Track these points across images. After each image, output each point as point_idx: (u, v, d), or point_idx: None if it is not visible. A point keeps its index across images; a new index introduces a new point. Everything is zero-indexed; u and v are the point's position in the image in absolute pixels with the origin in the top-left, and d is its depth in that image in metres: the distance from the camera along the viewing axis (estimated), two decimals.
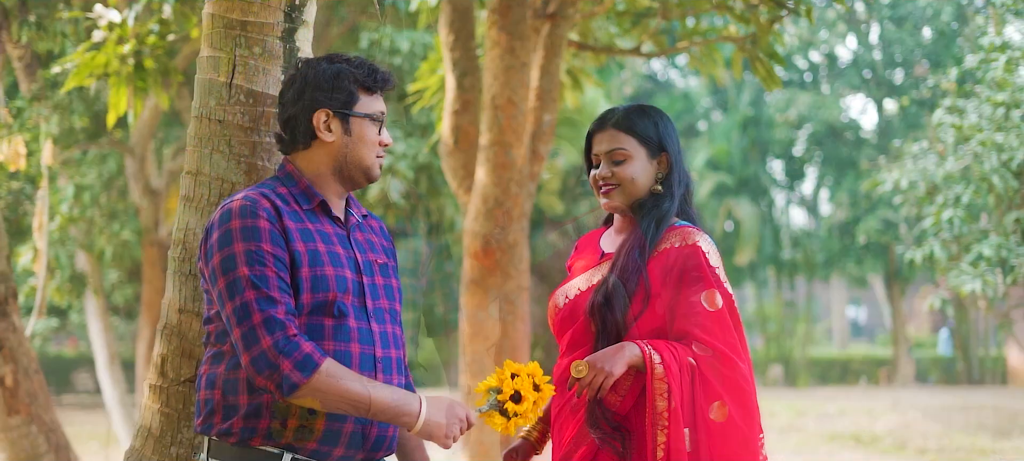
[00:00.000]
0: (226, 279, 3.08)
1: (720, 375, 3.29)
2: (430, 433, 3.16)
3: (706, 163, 31.94)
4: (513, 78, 7.17)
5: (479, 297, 7.37)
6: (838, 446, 15.99)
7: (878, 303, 53.89)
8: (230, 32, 3.57)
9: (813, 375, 34.00)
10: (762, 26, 7.22)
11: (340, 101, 3.27)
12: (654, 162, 3.52)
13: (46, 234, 9.45)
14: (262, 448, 3.15)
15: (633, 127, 3.52)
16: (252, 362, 3.03)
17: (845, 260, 32.60)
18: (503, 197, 7.26)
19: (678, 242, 3.42)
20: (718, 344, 3.30)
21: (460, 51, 7.72)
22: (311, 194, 3.29)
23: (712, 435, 3.27)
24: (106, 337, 15.81)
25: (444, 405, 3.17)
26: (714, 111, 34.66)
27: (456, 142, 7.78)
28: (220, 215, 3.16)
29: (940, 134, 13.07)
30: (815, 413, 18.76)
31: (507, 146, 7.20)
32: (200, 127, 3.59)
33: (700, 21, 8.63)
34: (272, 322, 3.03)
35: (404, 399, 3.11)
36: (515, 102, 7.18)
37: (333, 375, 3.04)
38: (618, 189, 3.51)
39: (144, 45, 7.67)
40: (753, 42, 7.42)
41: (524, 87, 7.25)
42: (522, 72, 7.21)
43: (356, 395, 3.07)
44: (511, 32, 7.16)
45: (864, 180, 30.19)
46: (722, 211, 32.08)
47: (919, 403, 19.70)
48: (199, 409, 3.24)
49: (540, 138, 7.60)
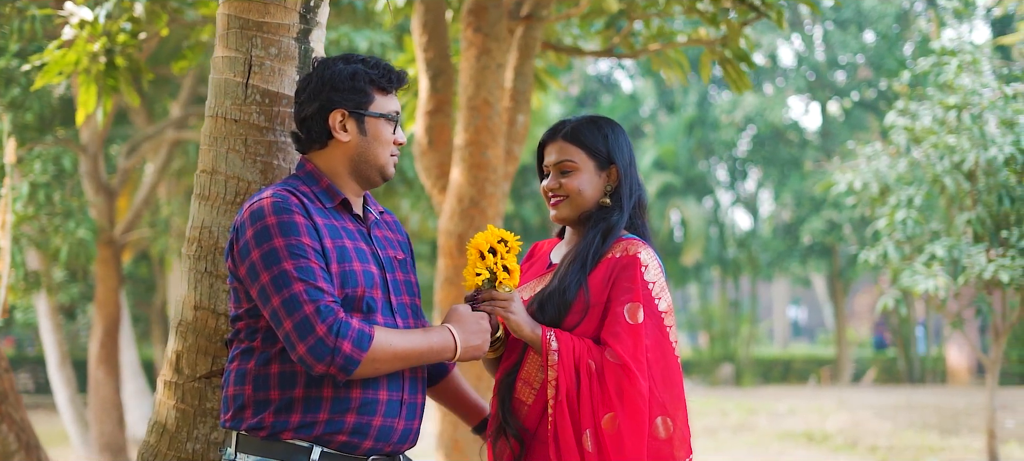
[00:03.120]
0: (269, 274, 3.13)
1: (619, 387, 3.29)
2: (471, 355, 3.35)
3: (653, 164, 32.15)
4: (489, 79, 7.23)
5: (454, 295, 7.42)
6: (791, 444, 16.19)
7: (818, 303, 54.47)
8: (246, 33, 3.60)
9: (756, 374, 34.33)
10: (733, 28, 7.32)
11: (355, 101, 3.33)
12: (603, 174, 3.54)
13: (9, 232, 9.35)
14: (292, 442, 3.20)
15: (582, 139, 3.53)
16: (310, 351, 3.08)
17: (789, 260, 32.93)
18: (478, 196, 7.31)
19: (619, 253, 3.43)
20: (626, 357, 3.30)
21: (433, 52, 7.76)
22: (333, 193, 3.34)
23: (605, 442, 3.30)
24: (57, 337, 15.68)
25: (470, 327, 3.34)
26: (660, 112, 34.88)
27: (430, 142, 7.82)
28: (251, 213, 3.20)
29: (892, 136, 13.25)
30: (766, 412, 18.96)
31: (483, 146, 7.26)
32: (215, 126, 3.62)
33: (664, 23, 8.71)
34: (324, 310, 3.09)
35: (441, 339, 3.28)
36: (491, 103, 7.25)
37: (383, 342, 3.16)
38: (566, 200, 3.53)
39: (115, 43, 7.64)
40: (723, 44, 7.51)
41: (500, 88, 7.31)
42: (498, 73, 7.27)
43: (405, 353, 3.21)
44: (487, 33, 7.22)
45: (808, 181, 30.58)
46: (668, 211, 32.31)
47: (865, 402, 19.97)
48: (227, 404, 3.28)
49: (514, 138, 7.68)
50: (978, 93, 12.38)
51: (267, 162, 3.59)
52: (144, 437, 3.70)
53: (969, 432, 16.17)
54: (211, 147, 3.63)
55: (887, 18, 30.72)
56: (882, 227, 12.89)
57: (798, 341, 55.14)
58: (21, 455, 7.72)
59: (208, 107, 3.67)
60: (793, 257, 32.59)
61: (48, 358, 15.74)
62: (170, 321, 3.70)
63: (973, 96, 12.42)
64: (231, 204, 3.57)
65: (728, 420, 17.85)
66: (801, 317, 59.53)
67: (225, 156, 3.59)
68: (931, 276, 12.08)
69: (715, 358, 34.54)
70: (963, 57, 12.72)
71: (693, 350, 37.56)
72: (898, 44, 31.46)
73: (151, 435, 3.66)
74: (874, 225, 13.61)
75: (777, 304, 52.48)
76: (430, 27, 7.79)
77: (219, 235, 3.58)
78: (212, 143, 3.63)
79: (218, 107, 3.63)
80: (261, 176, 3.58)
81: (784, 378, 34.64)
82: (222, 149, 3.60)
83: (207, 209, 3.61)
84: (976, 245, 12.27)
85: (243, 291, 3.23)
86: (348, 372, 3.11)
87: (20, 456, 7.71)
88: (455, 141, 7.44)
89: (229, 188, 3.58)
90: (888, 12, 30.65)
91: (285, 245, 3.14)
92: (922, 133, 12.83)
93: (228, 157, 3.59)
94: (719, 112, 32.59)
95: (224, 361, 3.56)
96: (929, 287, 12.02)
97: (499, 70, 7.27)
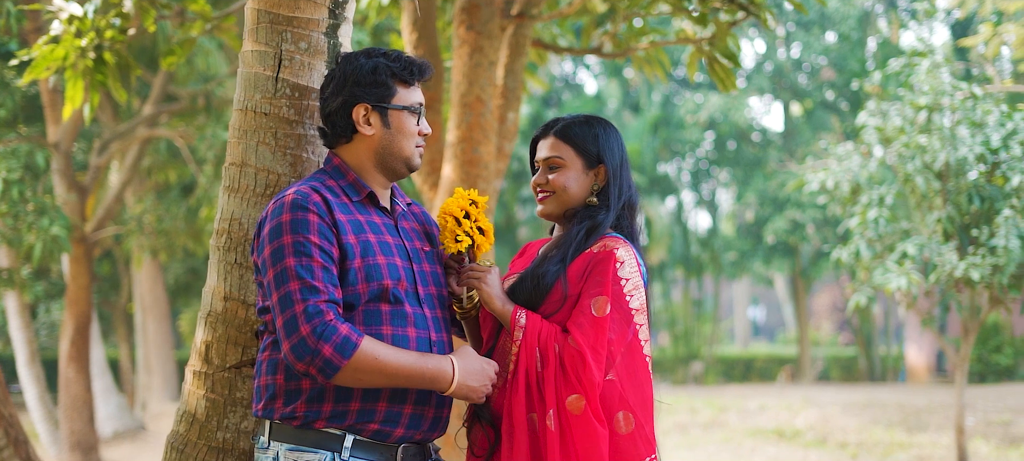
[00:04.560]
0: (274, 270, 3.19)
1: (578, 374, 3.31)
2: (465, 395, 3.32)
3: None
4: (481, 76, 7.28)
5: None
6: (762, 441, 16.31)
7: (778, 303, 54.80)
8: (276, 27, 3.64)
9: (719, 373, 34.56)
10: (721, 27, 7.39)
11: (378, 95, 3.38)
12: (591, 173, 3.56)
13: None
14: (325, 430, 3.25)
15: (572, 137, 3.57)
16: (292, 349, 3.13)
17: (753, 259, 33.15)
18: None
19: (598, 248, 3.45)
20: (584, 345, 3.32)
21: (424, 49, 7.80)
22: (360, 186, 3.38)
23: (573, 424, 3.30)
24: (26, 334, 15.59)
25: (475, 368, 3.32)
26: (625, 112, 35.00)
27: None
28: (272, 208, 3.26)
29: (864, 136, 13.41)
30: (736, 409, 19.07)
31: (475, 143, 7.31)
32: (244, 119, 3.66)
33: (647, 23, 8.77)
34: (312, 310, 3.13)
35: (438, 367, 3.25)
36: (483, 100, 7.30)
37: (370, 353, 3.15)
38: (552, 196, 3.56)
39: (103, 39, 7.63)
40: (711, 43, 7.58)
41: (492, 85, 7.37)
42: (490, 71, 7.32)
43: (393, 370, 3.19)
44: (480, 31, 7.27)
45: (771, 181, 30.79)
46: None
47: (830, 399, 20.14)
48: (259, 394, 3.32)
49: (504, 136, 7.73)
50: (949, 94, 12.55)
51: (296, 155, 3.63)
52: (173, 426, 3.73)
53: (935, 429, 16.36)
54: (240, 140, 3.66)
55: (850, 20, 30.98)
56: (854, 226, 13.04)
57: (758, 341, 55.47)
58: (10, 450, 7.70)
59: (237, 101, 3.71)
60: (757, 256, 32.80)
61: (17, 355, 15.63)
62: (198, 312, 3.73)
63: (943, 97, 12.59)
64: (261, 196, 3.61)
65: (699, 417, 17.96)
66: (760, 317, 59.87)
67: (255, 149, 3.63)
68: (903, 274, 12.25)
69: (679, 357, 34.71)
70: (934, 58, 12.90)
71: (657, 350, 37.72)
72: (860, 46, 31.73)
73: (181, 424, 3.69)
74: (844, 224, 13.76)
75: (738, 304, 52.75)
76: (420, 25, 7.83)
77: (249, 227, 3.62)
78: (241, 136, 3.66)
79: (247, 101, 3.67)
80: (291, 169, 3.62)
81: (746, 377, 34.87)
82: (252, 142, 3.64)
83: (237, 201, 3.65)
84: (946, 244, 12.44)
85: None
86: (328, 376, 3.14)
87: (9, 451, 7.70)
88: (447, 137, 7.49)
89: (259, 181, 3.62)
90: (851, 14, 30.91)
91: (292, 242, 3.19)
92: (893, 133, 13.00)
93: (258, 150, 3.63)
94: (684, 112, 32.74)
95: (254, 351, 3.60)
96: (901, 285, 12.19)
97: (491, 68, 7.32)
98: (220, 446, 3.61)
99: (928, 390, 23.11)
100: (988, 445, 14.84)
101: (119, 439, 19.48)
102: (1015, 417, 16.50)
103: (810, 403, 19.28)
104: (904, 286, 12.18)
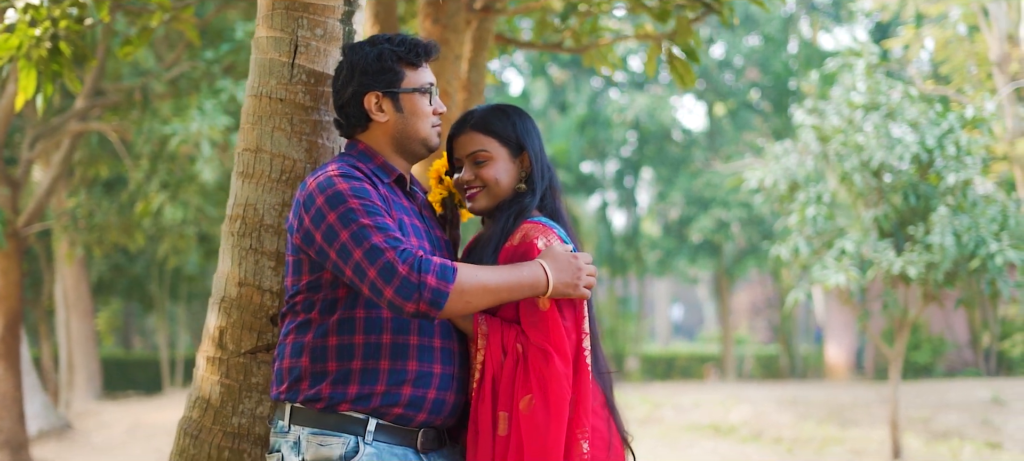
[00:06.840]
0: (348, 231, 3.16)
1: (539, 371, 3.29)
2: (563, 292, 3.30)
3: None
4: (447, 70, 7.29)
5: None
6: (699, 436, 16.48)
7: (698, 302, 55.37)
8: (292, 13, 3.65)
9: (642, 371, 34.82)
10: (683, 24, 7.46)
11: (387, 81, 3.40)
12: (516, 161, 3.53)
13: None
14: (349, 414, 3.25)
15: (492, 128, 3.52)
16: (397, 292, 3.09)
17: (677, 258, 33.44)
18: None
19: (519, 240, 3.41)
20: (545, 343, 3.30)
21: None
22: (389, 169, 3.41)
23: (521, 426, 3.28)
24: None
25: (564, 264, 3.30)
26: (551, 110, 35.12)
27: None
28: (318, 184, 3.24)
29: (801, 134, 13.63)
30: (671, 405, 19.24)
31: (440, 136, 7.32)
32: (259, 105, 3.66)
33: (597, 19, 8.83)
34: (404, 252, 3.11)
35: (533, 274, 3.25)
36: (449, 93, 7.30)
37: (470, 272, 3.17)
38: (483, 191, 3.50)
39: (58, 28, 7.54)
40: (671, 39, 7.65)
41: (457, 79, 7.38)
42: (455, 65, 7.33)
43: (495, 286, 3.21)
44: (445, 25, 7.27)
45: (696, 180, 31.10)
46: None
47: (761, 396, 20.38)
48: (281, 377, 3.31)
49: None
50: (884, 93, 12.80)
51: (312, 141, 3.63)
52: (184, 412, 3.71)
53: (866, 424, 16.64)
54: (255, 126, 3.66)
55: (774, 21, 31.39)
56: (793, 223, 13.24)
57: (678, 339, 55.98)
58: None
59: (250, 87, 3.70)
60: (682, 255, 33.10)
61: None
62: (210, 298, 3.71)
63: (879, 96, 12.84)
64: (277, 182, 3.61)
65: (634, 413, 18.08)
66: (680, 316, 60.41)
67: (270, 135, 3.63)
68: (841, 271, 12.46)
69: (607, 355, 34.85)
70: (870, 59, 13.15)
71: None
72: (783, 47, 32.16)
73: (193, 410, 3.67)
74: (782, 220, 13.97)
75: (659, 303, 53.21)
76: (382, 18, 7.82)
77: (264, 212, 3.61)
78: (256, 122, 3.66)
79: (262, 87, 3.66)
80: (306, 154, 3.62)
81: (668, 375, 35.18)
82: (267, 128, 3.64)
83: (252, 187, 3.64)
84: (882, 240, 12.68)
85: (307, 262, 3.28)
86: (438, 306, 3.11)
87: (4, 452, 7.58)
88: None
89: (274, 166, 3.62)
90: (774, 16, 31.31)
91: (360, 205, 3.18)
92: (831, 132, 13.23)
93: (273, 136, 3.63)
94: (610, 111, 32.94)
95: (269, 337, 3.59)
96: (840, 281, 12.41)
97: (457, 61, 7.33)
98: (235, 431, 3.59)
99: (849, 387, 23.46)
100: (918, 439, 15.12)
101: (44, 438, 19.17)
102: (935, 413, 16.80)
103: (742, 399, 19.50)
104: (842, 283, 12.41)
